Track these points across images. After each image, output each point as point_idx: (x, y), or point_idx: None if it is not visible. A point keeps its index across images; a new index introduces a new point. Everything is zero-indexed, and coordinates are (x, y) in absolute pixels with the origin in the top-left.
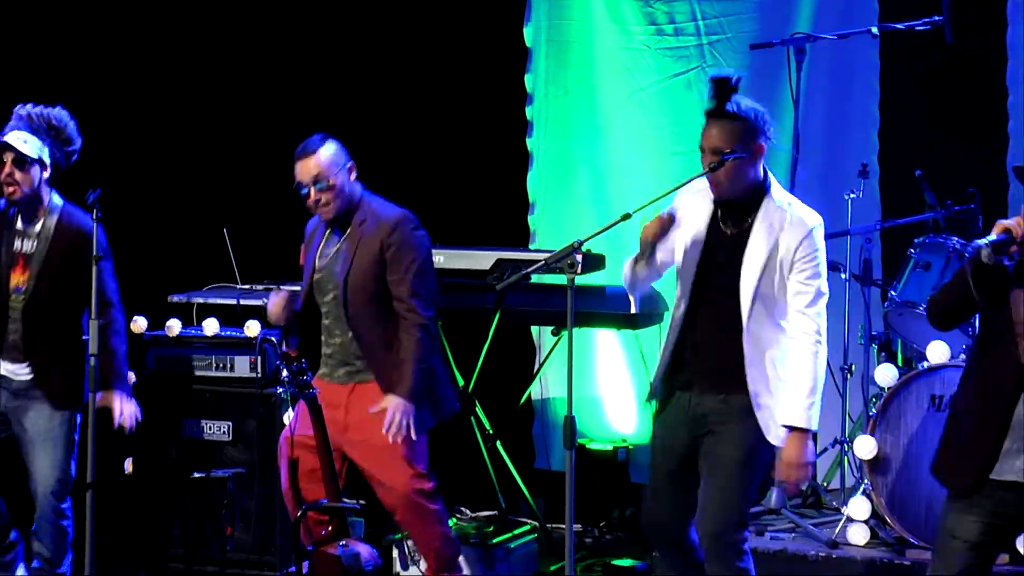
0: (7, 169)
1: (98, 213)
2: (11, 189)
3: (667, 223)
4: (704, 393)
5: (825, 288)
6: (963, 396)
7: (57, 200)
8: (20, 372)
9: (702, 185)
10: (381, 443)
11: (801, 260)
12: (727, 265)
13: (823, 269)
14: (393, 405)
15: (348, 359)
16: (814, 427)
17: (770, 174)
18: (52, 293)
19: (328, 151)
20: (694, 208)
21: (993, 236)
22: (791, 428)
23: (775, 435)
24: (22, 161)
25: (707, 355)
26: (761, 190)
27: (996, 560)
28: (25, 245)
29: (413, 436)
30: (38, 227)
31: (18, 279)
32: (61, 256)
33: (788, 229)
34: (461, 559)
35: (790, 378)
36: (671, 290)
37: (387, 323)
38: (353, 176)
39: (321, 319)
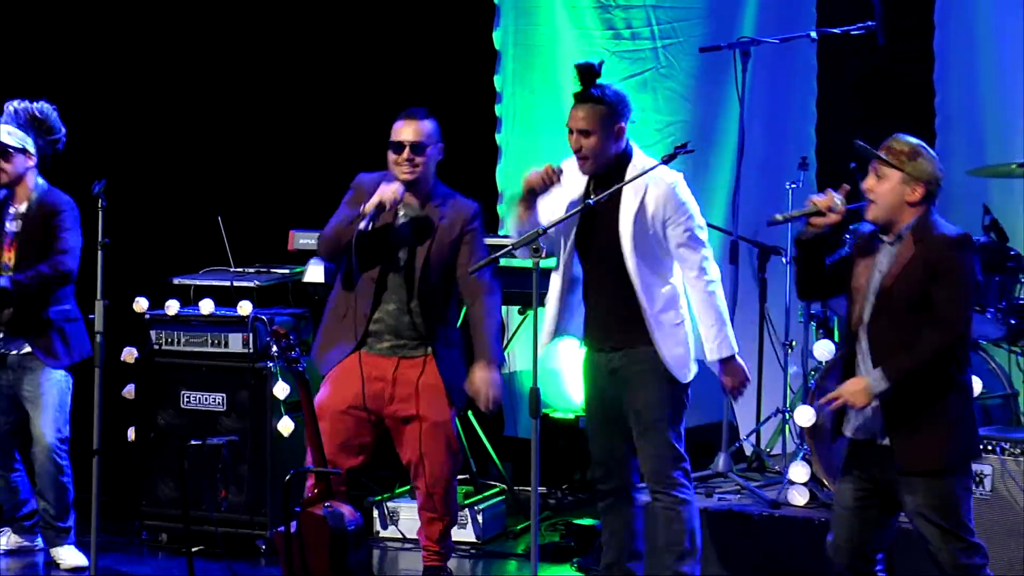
0: None
1: (103, 202)
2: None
3: (551, 175)
4: (612, 351)
5: (702, 235)
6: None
7: (41, 182)
8: (17, 345)
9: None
10: (431, 420)
11: (673, 215)
12: (604, 230)
13: (697, 218)
14: (486, 382)
15: (398, 329)
16: (735, 350)
17: (634, 145)
18: (32, 265)
19: (433, 126)
20: (572, 178)
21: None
22: (721, 360)
23: (684, 373)
24: (5, 151)
25: (606, 316)
26: (624, 160)
27: (883, 524)
28: (13, 226)
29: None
30: (23, 209)
31: (7, 257)
32: (39, 231)
33: (651, 189)
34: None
35: (700, 321)
36: None
37: (448, 301)
38: (441, 156)
39: (381, 281)
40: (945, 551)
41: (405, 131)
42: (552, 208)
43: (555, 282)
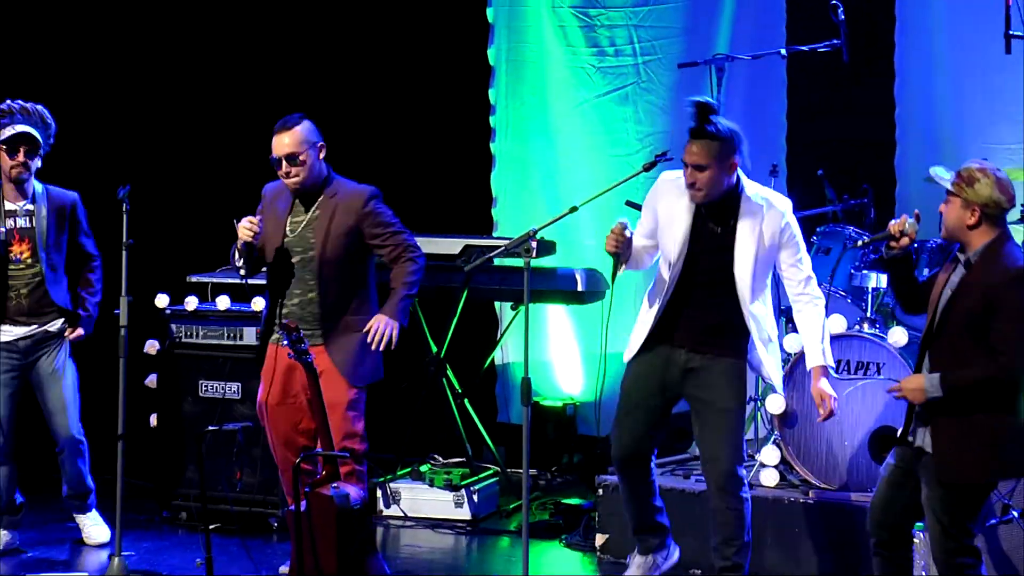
0: (21, 157)
1: (127, 205)
2: (18, 171)
3: (619, 233)
4: (694, 352)
5: (807, 257)
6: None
7: (38, 184)
8: (28, 332)
9: (673, 176)
10: (329, 401)
11: (787, 242)
12: (717, 254)
13: (802, 241)
14: (380, 319)
15: (304, 318)
16: (831, 363)
17: (742, 174)
18: (52, 259)
19: (303, 129)
20: (674, 200)
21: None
22: (817, 367)
23: (775, 379)
24: (34, 150)
25: (701, 323)
26: (736, 192)
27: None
28: (19, 221)
29: (392, 346)
30: (29, 206)
31: (18, 250)
32: (55, 227)
33: (767, 219)
34: None
35: (809, 332)
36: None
37: (351, 288)
38: (322, 155)
39: (283, 279)
40: (941, 546)
41: (278, 146)
42: (668, 230)
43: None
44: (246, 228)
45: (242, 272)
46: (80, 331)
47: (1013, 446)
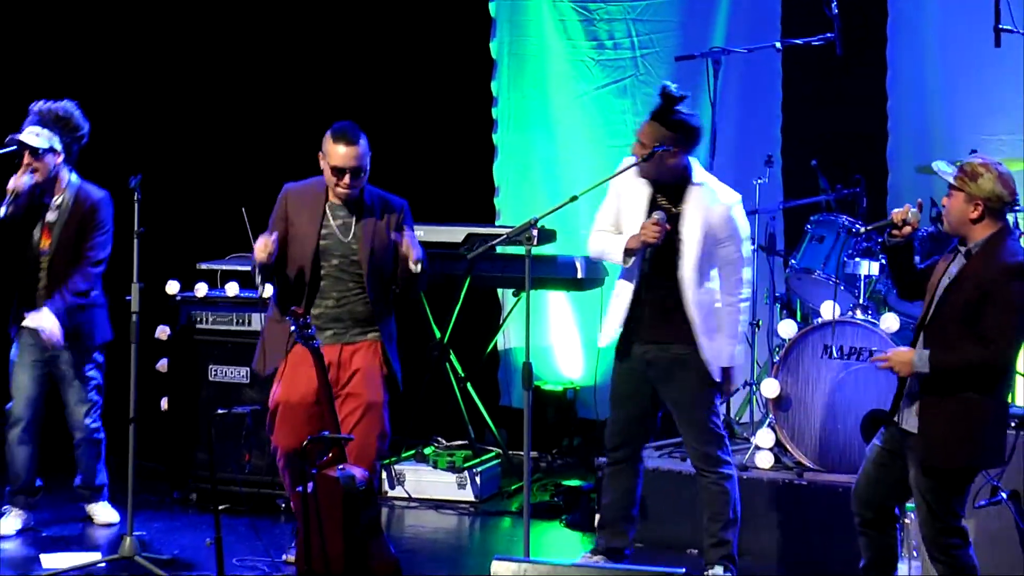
0: (26, 160)
1: (138, 195)
2: (31, 176)
3: (663, 225)
4: (654, 345)
5: (747, 252)
6: None
7: (75, 179)
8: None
9: (632, 160)
10: (367, 400)
11: (727, 234)
12: (667, 238)
13: (745, 237)
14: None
15: (340, 317)
16: (740, 362)
17: (694, 162)
18: (67, 254)
19: (366, 143)
20: (633, 188)
21: (882, 222)
22: (724, 369)
23: (715, 369)
24: (35, 152)
25: (653, 313)
26: (686, 176)
27: (898, 486)
28: (49, 216)
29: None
30: (59, 201)
31: (45, 243)
32: (76, 224)
33: (714, 207)
34: None
35: (722, 331)
36: None
37: (389, 288)
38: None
39: (314, 281)
40: (929, 526)
41: (345, 158)
42: (627, 213)
43: (626, 287)
44: (261, 251)
45: (262, 290)
46: (47, 332)
47: (995, 432)
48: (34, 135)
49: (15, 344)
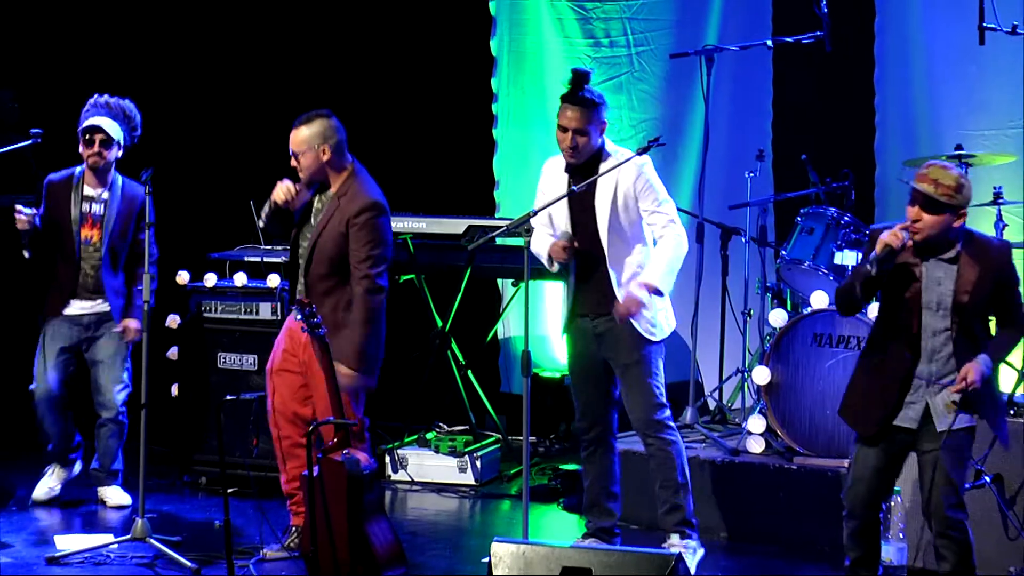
0: (96, 147)
1: (150, 187)
2: (94, 160)
3: (569, 245)
4: (595, 317)
5: (670, 207)
6: (872, 355)
7: (119, 176)
8: (93, 308)
9: (553, 159)
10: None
11: (643, 191)
12: (584, 213)
13: (660, 189)
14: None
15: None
16: (664, 289)
17: (605, 138)
18: (115, 246)
19: (305, 131)
20: (555, 178)
21: (878, 254)
22: (644, 284)
23: (653, 332)
24: (108, 141)
25: (588, 287)
26: (599, 154)
27: (892, 484)
28: (94, 207)
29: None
30: (106, 194)
31: (88, 233)
32: (123, 218)
33: (623, 172)
34: None
35: (655, 255)
36: None
37: (337, 289)
38: (327, 155)
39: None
40: (947, 503)
41: (292, 142)
42: (554, 206)
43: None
44: (283, 191)
45: (260, 224)
46: (128, 324)
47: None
48: (110, 124)
49: (46, 329)
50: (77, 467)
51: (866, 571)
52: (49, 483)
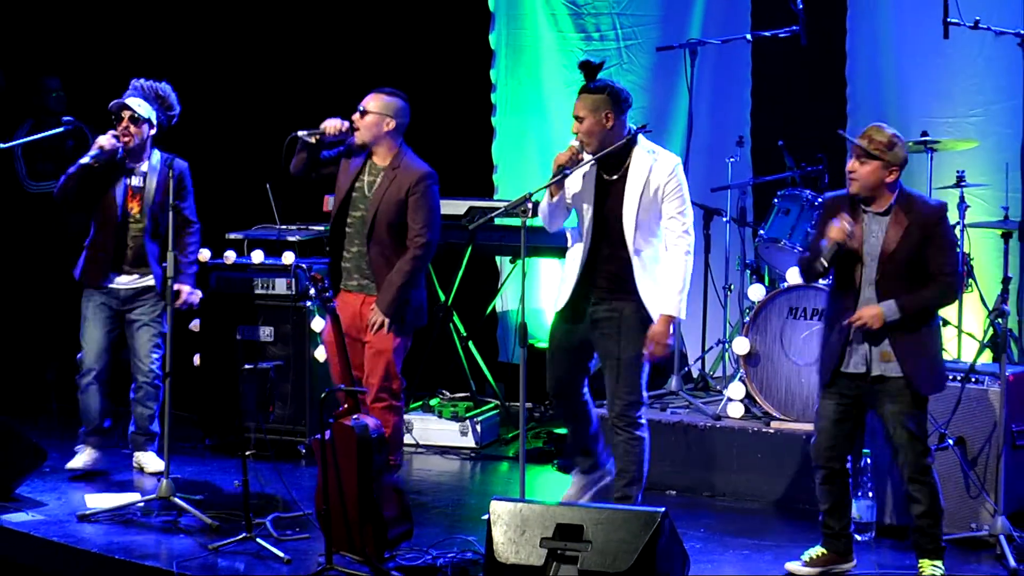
0: (124, 124)
1: (173, 172)
2: (127, 139)
3: (575, 153)
4: (599, 302)
5: (689, 212)
6: (829, 308)
7: (158, 152)
8: (134, 283)
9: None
10: (379, 348)
11: (671, 193)
12: (613, 203)
13: (686, 196)
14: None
15: (360, 270)
16: (682, 316)
17: (642, 137)
18: (156, 216)
19: (384, 99)
20: (585, 169)
21: (827, 250)
22: (663, 314)
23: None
24: (136, 119)
25: (601, 271)
26: (630, 143)
27: (855, 434)
28: (133, 180)
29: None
30: (144, 166)
31: (130, 205)
32: (162, 190)
33: (656, 169)
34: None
35: (666, 278)
36: None
37: (395, 252)
38: (390, 127)
39: (344, 228)
40: (913, 451)
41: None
42: (573, 186)
43: (577, 252)
44: (333, 125)
45: (303, 136)
46: (184, 294)
47: (942, 359)
48: (137, 104)
49: (88, 300)
50: (96, 461)
51: (835, 522)
52: (79, 463)
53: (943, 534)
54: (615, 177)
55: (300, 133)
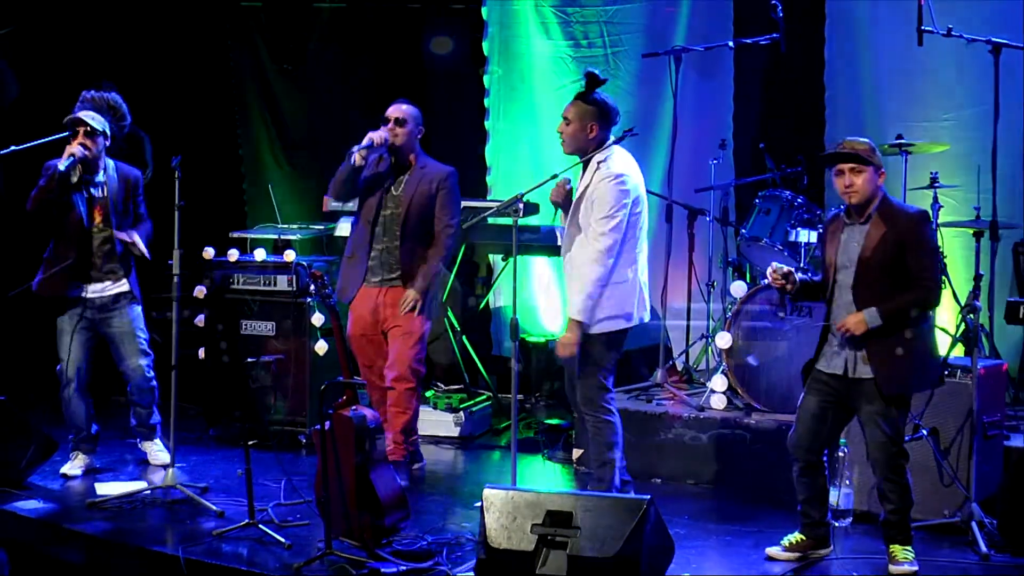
0: (80, 139)
1: (178, 173)
2: (83, 152)
3: (564, 186)
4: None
5: (609, 225)
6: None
7: (110, 160)
8: (106, 290)
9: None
10: (408, 330)
11: (598, 201)
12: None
13: (615, 205)
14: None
15: (385, 266)
16: (584, 320)
17: (617, 148)
18: (119, 223)
19: (412, 109)
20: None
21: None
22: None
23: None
24: (92, 132)
25: (569, 275)
26: (592, 155)
27: (834, 430)
28: (95, 192)
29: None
30: (101, 177)
31: (97, 219)
32: (121, 197)
33: (595, 179)
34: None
35: (578, 284)
36: None
37: (423, 241)
38: (420, 134)
39: (374, 228)
40: (886, 451)
41: (391, 110)
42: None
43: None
44: (380, 135)
45: (355, 151)
46: (138, 242)
47: (933, 357)
48: (91, 118)
49: (63, 312)
50: (91, 462)
51: (814, 512)
52: (72, 469)
53: (913, 522)
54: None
55: (355, 149)
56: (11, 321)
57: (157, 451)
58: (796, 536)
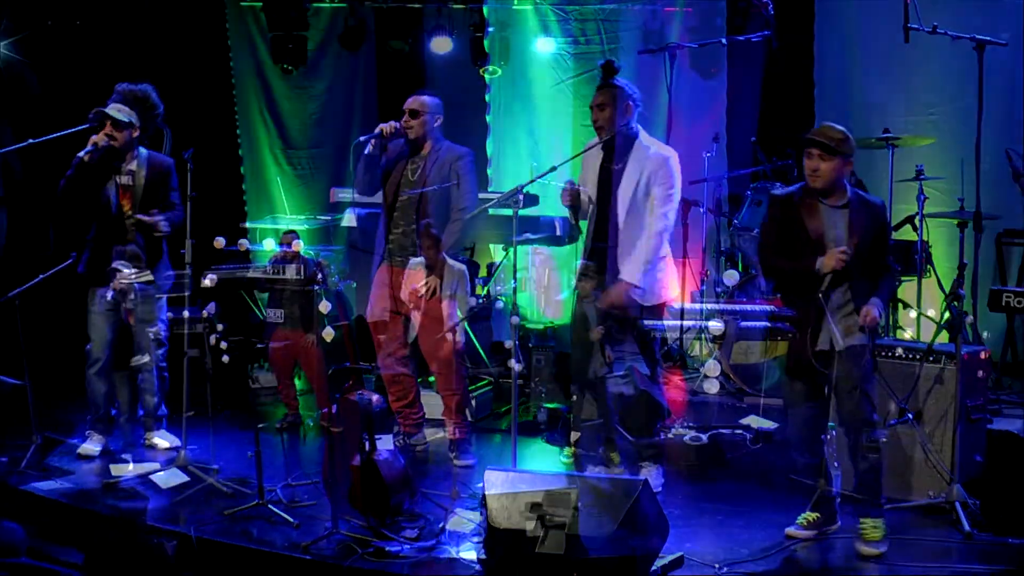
0: (107, 129)
1: (191, 165)
2: (107, 142)
3: (573, 191)
4: (604, 285)
5: (672, 200)
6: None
7: (143, 150)
8: (131, 277)
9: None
10: (431, 316)
11: (658, 181)
12: (611, 192)
13: (676, 185)
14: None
15: (404, 249)
16: (639, 284)
17: (639, 128)
18: (145, 211)
19: (429, 101)
20: (593, 153)
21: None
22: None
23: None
24: (117, 123)
25: (605, 256)
26: (632, 138)
27: (827, 415)
28: (123, 180)
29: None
30: (133, 166)
31: (126, 206)
32: (151, 185)
33: (650, 162)
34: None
35: (637, 253)
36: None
37: (439, 221)
38: (437, 123)
39: (392, 212)
40: (860, 411)
41: (408, 103)
42: (587, 174)
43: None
44: (391, 126)
45: (365, 141)
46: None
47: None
48: (117, 110)
49: (96, 294)
50: (107, 444)
51: (827, 487)
52: (89, 450)
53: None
54: (618, 166)
55: (361, 139)
56: (43, 302)
57: (159, 437)
58: (811, 515)
